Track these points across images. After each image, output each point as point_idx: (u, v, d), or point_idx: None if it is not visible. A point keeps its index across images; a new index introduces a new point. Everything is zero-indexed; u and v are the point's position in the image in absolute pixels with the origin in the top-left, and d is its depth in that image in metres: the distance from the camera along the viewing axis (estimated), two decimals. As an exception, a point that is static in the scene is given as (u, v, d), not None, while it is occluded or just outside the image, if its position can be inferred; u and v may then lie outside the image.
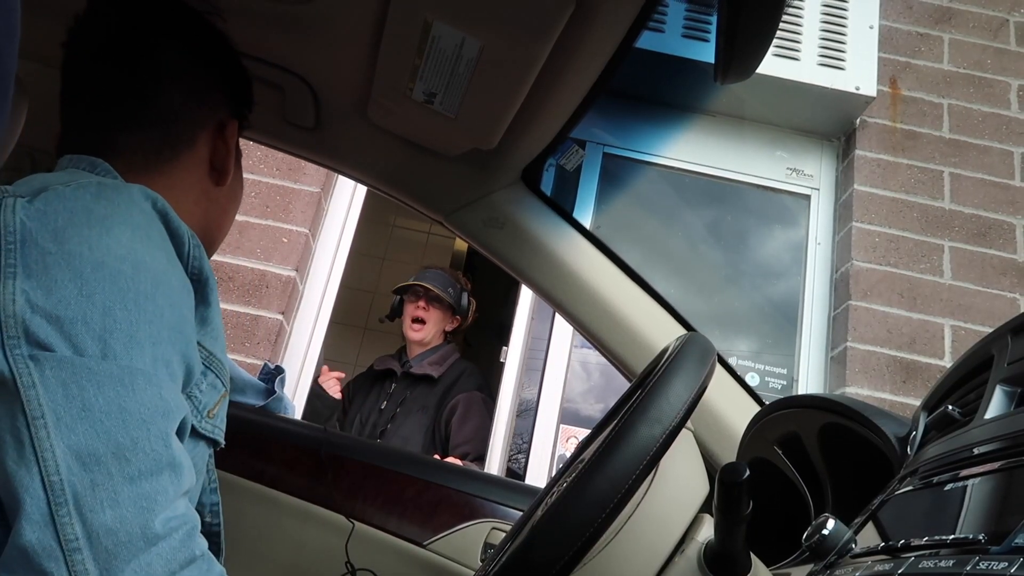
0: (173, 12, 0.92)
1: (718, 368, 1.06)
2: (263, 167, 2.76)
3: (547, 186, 2.87)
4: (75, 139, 0.86)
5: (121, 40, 0.88)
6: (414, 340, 2.74)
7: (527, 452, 2.64)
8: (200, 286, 0.76)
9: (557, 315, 1.76)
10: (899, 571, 0.48)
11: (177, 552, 0.62)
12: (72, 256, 0.64)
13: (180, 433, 0.70)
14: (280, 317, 2.60)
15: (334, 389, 2.60)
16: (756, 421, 1.06)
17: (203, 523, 0.95)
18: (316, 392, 2.61)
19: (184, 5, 0.92)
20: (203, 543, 0.67)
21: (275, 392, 1.51)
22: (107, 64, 0.87)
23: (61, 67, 0.90)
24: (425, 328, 2.73)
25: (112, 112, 0.87)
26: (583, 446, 0.95)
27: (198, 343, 0.75)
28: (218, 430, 0.83)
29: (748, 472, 0.62)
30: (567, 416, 2.71)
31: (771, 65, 2.80)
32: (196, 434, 0.78)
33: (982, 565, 0.41)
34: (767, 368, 2.81)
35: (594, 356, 2.73)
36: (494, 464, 2.54)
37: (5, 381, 0.60)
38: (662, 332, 1.25)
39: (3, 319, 0.61)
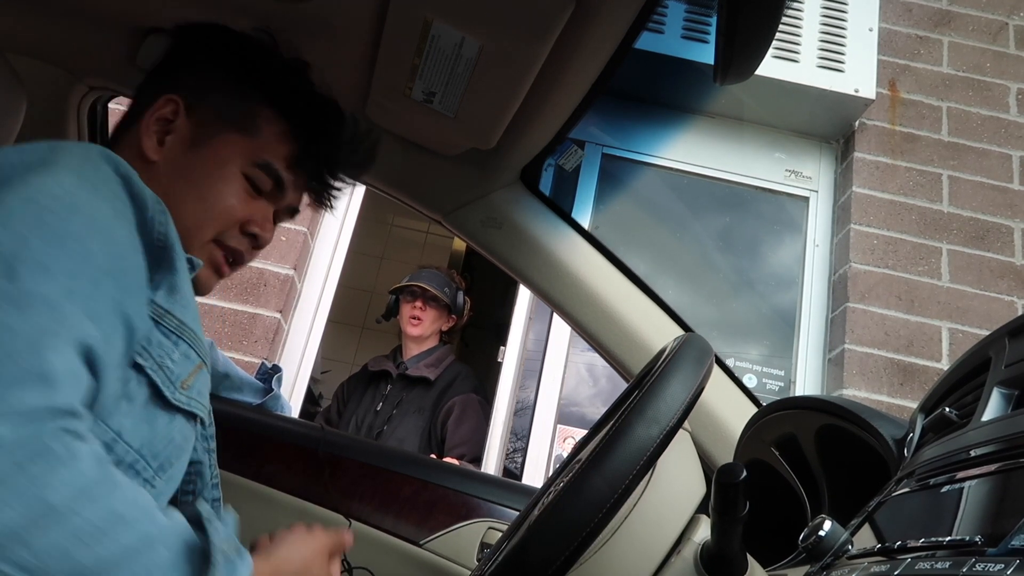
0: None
1: (716, 369, 1.06)
2: (262, 165, 2.76)
3: (546, 186, 2.87)
4: None
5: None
6: (412, 335, 2.74)
7: (524, 452, 2.64)
8: (166, 252, 0.76)
9: (555, 315, 1.76)
10: (895, 572, 0.48)
11: (22, 445, 0.57)
12: (5, 190, 0.66)
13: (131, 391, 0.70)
14: (278, 316, 2.59)
15: None
16: (753, 422, 1.06)
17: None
18: None
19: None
20: (70, 451, 0.61)
21: (272, 391, 1.51)
22: None
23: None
24: (423, 324, 2.74)
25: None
26: (580, 446, 0.95)
27: (167, 311, 0.75)
28: (196, 403, 0.80)
29: (745, 473, 0.62)
30: (564, 416, 2.71)
31: (770, 67, 2.80)
32: (171, 406, 0.76)
33: (979, 567, 0.41)
34: (764, 369, 2.81)
35: (599, 360, 2.72)
36: (491, 464, 2.54)
37: None
38: (660, 332, 1.25)
39: None
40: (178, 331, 0.76)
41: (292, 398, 2.63)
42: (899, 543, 0.53)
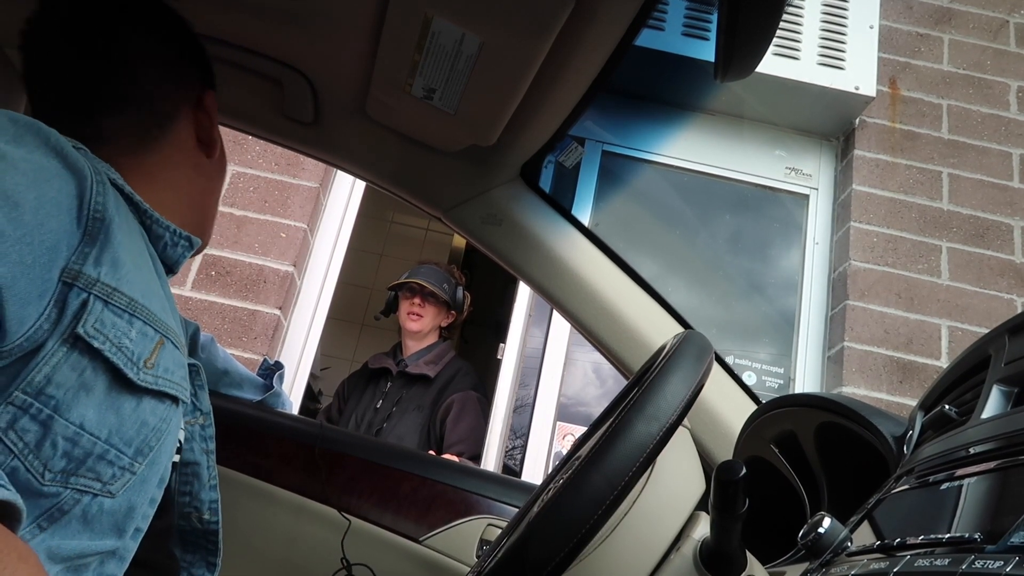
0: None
1: (715, 366, 1.06)
2: (262, 162, 2.76)
3: (546, 183, 2.87)
4: (55, 123, 0.86)
5: (83, 27, 0.88)
6: (411, 330, 2.75)
7: (523, 449, 2.64)
8: (103, 225, 0.72)
9: (555, 312, 1.77)
10: (894, 569, 0.48)
11: None
12: None
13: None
14: (277, 312, 2.59)
15: None
16: (753, 419, 1.06)
17: (202, 520, 0.94)
18: None
19: None
20: None
21: (273, 388, 1.51)
22: (73, 51, 0.87)
23: (23, 52, 0.89)
24: (422, 321, 2.74)
25: (88, 99, 0.87)
26: (580, 443, 0.95)
27: (115, 289, 0.72)
28: (165, 382, 0.77)
29: (744, 470, 0.62)
30: (564, 413, 2.71)
31: (771, 64, 2.80)
32: (136, 388, 0.73)
33: (977, 564, 0.41)
34: (764, 367, 2.81)
35: (604, 360, 2.72)
36: (491, 460, 2.54)
37: None
38: (659, 330, 1.25)
39: None
40: (130, 309, 0.74)
41: (291, 395, 2.63)
42: (898, 540, 0.53)
